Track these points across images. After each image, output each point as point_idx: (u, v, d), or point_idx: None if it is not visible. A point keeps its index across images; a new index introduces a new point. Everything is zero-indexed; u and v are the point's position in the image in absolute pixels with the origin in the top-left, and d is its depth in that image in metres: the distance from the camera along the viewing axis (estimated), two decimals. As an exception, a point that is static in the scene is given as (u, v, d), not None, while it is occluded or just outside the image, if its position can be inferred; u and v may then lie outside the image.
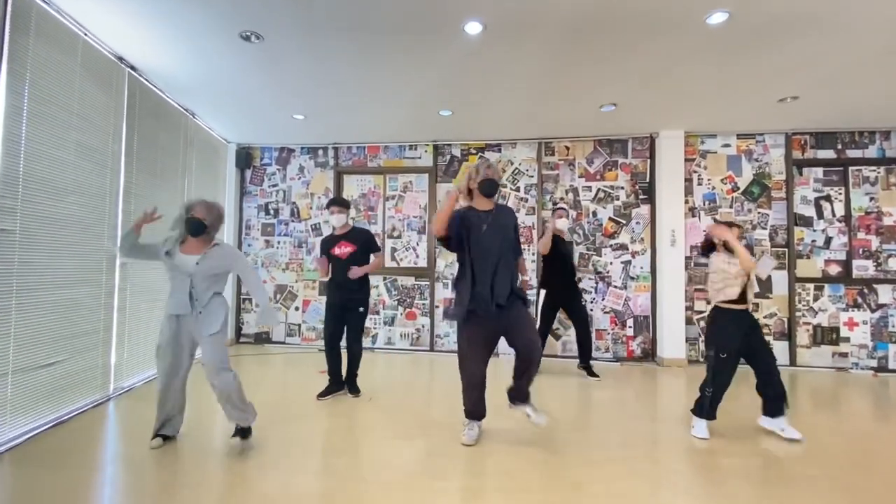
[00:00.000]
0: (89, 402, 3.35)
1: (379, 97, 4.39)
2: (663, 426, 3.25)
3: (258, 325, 2.76)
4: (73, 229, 3.16)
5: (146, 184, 4.04)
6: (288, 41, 3.35)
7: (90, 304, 3.34)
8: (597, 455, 2.69)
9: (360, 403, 3.60)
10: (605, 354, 5.36)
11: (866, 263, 5.09)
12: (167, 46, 3.49)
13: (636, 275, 5.38)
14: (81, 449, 2.69)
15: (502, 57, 3.54)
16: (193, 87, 4.24)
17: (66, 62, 3.11)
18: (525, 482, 2.34)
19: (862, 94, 4.21)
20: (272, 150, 6.07)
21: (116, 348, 3.64)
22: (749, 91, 4.16)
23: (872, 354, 5.02)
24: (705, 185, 5.32)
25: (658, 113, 4.77)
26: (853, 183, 5.15)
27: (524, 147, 5.64)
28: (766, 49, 3.38)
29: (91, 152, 3.33)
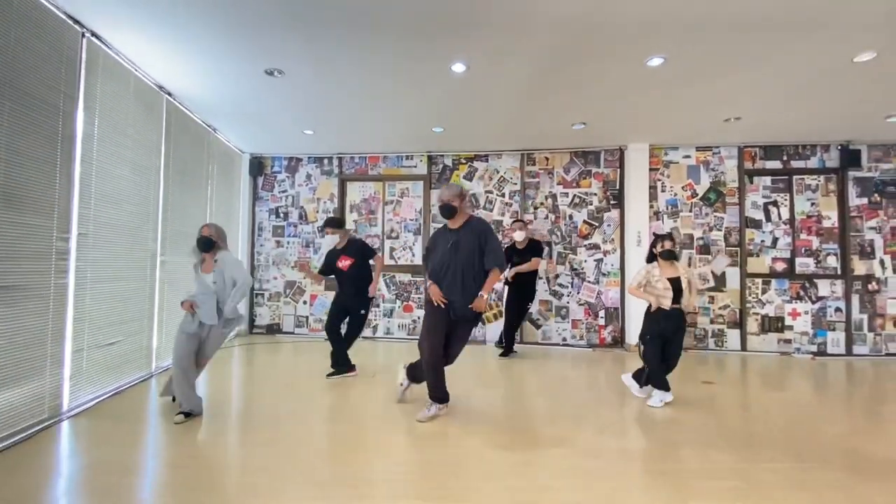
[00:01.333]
0: (137, 377, 4.00)
1: (379, 117, 5.05)
2: (624, 399, 3.93)
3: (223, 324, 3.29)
4: (127, 233, 3.80)
5: (178, 192, 4.68)
6: (304, 73, 4.00)
7: (139, 294, 3.99)
8: (566, 419, 3.37)
9: (366, 381, 4.27)
10: (579, 342, 6.05)
11: (808, 261, 5.79)
12: (201, 78, 4.13)
13: (607, 271, 6.06)
14: (135, 411, 3.35)
15: (484, 87, 4.20)
16: (217, 108, 4.88)
17: (123, 93, 3.76)
18: (499, 442, 3.02)
19: (799, 114, 4.89)
20: (282, 160, 6.72)
21: (157, 333, 4.28)
22: (698, 112, 4.84)
23: (813, 341, 5.72)
24: (668, 192, 6.01)
25: (625, 129, 5.45)
26: (797, 190, 5.86)
27: (508, 157, 6.32)
28: (704, 82, 4.05)
29: (140, 168, 3.98)
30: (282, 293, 6.62)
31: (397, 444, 2.82)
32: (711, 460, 2.61)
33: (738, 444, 2.83)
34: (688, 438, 2.93)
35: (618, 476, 2.42)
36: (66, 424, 3.03)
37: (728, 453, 2.69)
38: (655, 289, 3.55)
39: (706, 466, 2.53)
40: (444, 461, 2.60)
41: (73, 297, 3.17)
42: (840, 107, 4.64)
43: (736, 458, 2.64)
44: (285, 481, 2.31)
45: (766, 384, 4.47)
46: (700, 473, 2.46)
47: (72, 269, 3.16)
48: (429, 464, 2.57)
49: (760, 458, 2.65)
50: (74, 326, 3.19)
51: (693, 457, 2.66)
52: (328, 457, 2.67)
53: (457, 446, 2.80)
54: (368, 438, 2.91)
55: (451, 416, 3.26)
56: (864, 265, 5.68)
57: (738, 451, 2.73)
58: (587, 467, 2.51)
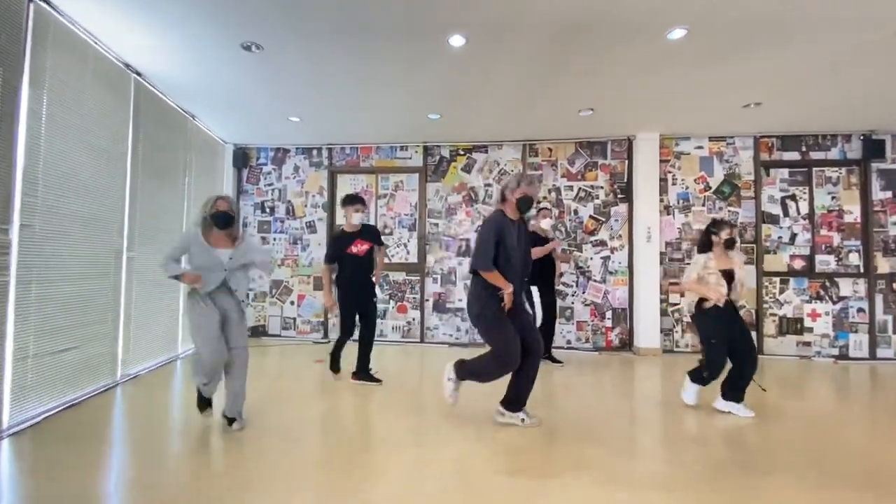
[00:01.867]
0: (99, 387, 3.59)
1: (371, 101, 4.65)
2: (639, 409, 3.55)
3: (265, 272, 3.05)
4: (85, 226, 3.39)
5: (150, 183, 4.27)
6: (286, 50, 3.60)
7: (101, 296, 3.58)
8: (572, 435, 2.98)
9: (365, 388, 3.87)
10: (584, 344, 5.67)
11: (828, 258, 5.44)
12: (172, 54, 3.73)
13: (614, 269, 5.69)
14: (92, 429, 2.93)
15: (485, 66, 3.82)
16: (193, 90, 4.47)
17: (79, 69, 3.35)
18: (519, 459, 2.63)
19: (821, 100, 4.54)
20: (268, 151, 6.31)
21: (123, 338, 3.87)
22: (715, 98, 4.47)
23: (834, 343, 5.37)
24: (679, 185, 5.64)
25: (634, 117, 5.07)
26: (817, 183, 5.50)
27: (510, 148, 5.93)
28: (727, 60, 3.68)
29: (101, 153, 3.57)
30: (267, 293, 6.21)
31: (391, 467, 2.43)
32: (750, 486, 2.22)
33: (754, 461, 2.45)
34: (714, 457, 2.56)
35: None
36: (5, 444, 2.63)
37: (771, 477, 2.31)
38: (708, 282, 3.19)
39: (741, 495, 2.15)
40: (445, 491, 2.20)
41: (14, 297, 2.76)
42: (865, 91, 4.28)
43: (782, 483, 2.26)
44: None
45: (786, 391, 4.11)
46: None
47: (13, 265, 2.74)
48: (427, 495, 2.18)
49: (778, 479, 2.26)
50: (16, 332, 2.78)
51: (726, 478, 2.27)
52: (323, 475, 2.27)
53: (459, 471, 2.40)
54: (361, 458, 2.52)
55: (447, 433, 2.87)
56: (889, 263, 5.32)
57: (779, 474, 2.35)
58: (616, 500, 2.12)
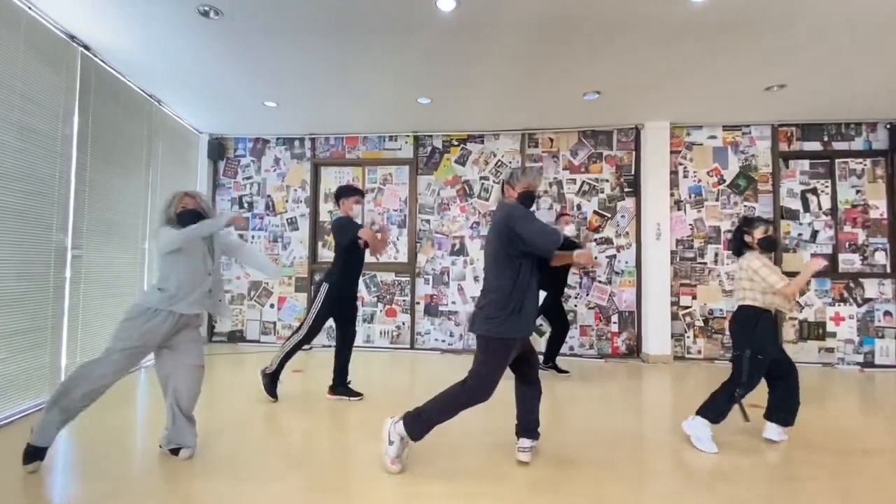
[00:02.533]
0: (33, 406, 3.11)
1: (353, 82, 4.19)
2: (649, 427, 3.11)
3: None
4: (15, 218, 2.92)
5: (103, 171, 3.81)
6: (249, 18, 3.14)
7: (35, 299, 3.11)
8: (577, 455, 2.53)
9: (346, 404, 3.42)
10: (589, 351, 5.23)
11: (853, 257, 5.02)
12: (120, 24, 3.26)
13: (621, 269, 5.25)
14: (12, 457, 2.47)
15: (479, 39, 3.37)
16: (155, 71, 4.01)
17: (7, 37, 2.88)
18: (510, 483, 2.17)
19: (850, 83, 4.12)
20: (246, 141, 5.84)
21: (68, 347, 3.41)
22: (736, 78, 4.04)
23: (858, 349, 4.95)
24: (691, 178, 5.21)
25: (643, 103, 4.64)
26: (840, 175, 5.08)
27: (507, 138, 5.49)
28: (754, 32, 3.26)
29: (36, 135, 3.10)
30: (245, 295, 5.75)
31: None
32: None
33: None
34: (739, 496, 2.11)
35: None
36: None
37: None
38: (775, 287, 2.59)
39: None
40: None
41: None
42: (894, 76, 3.87)
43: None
44: None
45: (809, 402, 3.68)
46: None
47: None
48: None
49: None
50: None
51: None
52: None
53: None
54: (341, 482, 2.06)
55: (429, 461, 2.41)
56: (918, 262, 4.91)
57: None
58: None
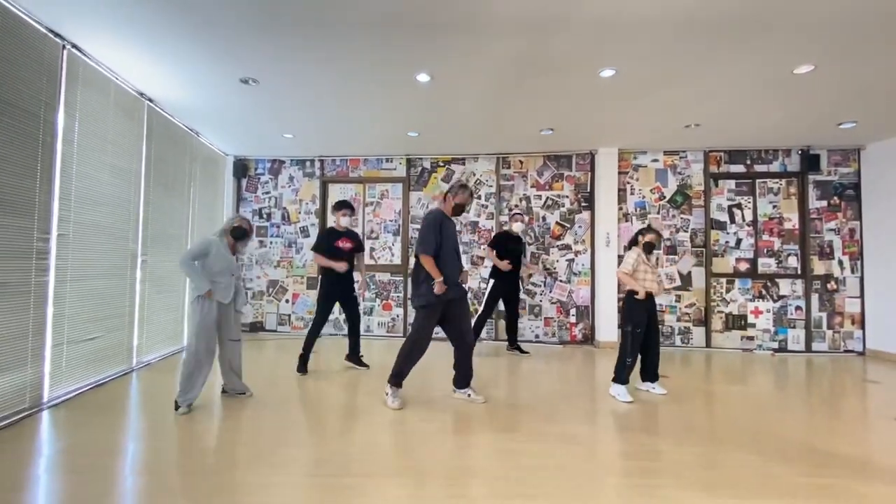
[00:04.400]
0: (118, 372, 4.19)
1: (355, 121, 5.25)
2: (591, 391, 4.14)
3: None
4: (107, 234, 3.99)
5: (160, 194, 4.87)
6: (278, 81, 4.19)
7: (118, 292, 4.18)
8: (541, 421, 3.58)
9: (353, 377, 4.47)
10: (551, 339, 6.26)
11: (770, 261, 6.03)
12: (179, 85, 4.32)
13: (578, 271, 6.28)
14: (115, 403, 3.54)
15: (451, 95, 4.41)
16: (199, 113, 5.07)
17: (103, 100, 3.95)
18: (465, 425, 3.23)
19: (755, 121, 5.12)
20: (265, 162, 6.91)
21: (138, 329, 4.47)
22: (659, 119, 5.06)
23: (774, 338, 5.96)
24: (637, 195, 6.23)
25: (593, 135, 5.66)
26: (760, 193, 6.09)
27: (484, 161, 6.53)
28: (657, 91, 4.27)
29: (120, 172, 4.17)
30: (265, 292, 6.81)
31: (362, 430, 3.03)
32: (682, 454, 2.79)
33: (701, 438, 2.98)
34: (658, 432, 3.15)
35: (583, 476, 2.62)
36: (46, 414, 3.23)
37: (693, 446, 2.85)
38: (646, 274, 3.75)
39: (679, 458, 2.69)
40: (407, 453, 2.80)
41: (53, 294, 3.36)
42: (796, 113, 4.85)
43: (698, 452, 2.76)
44: (256, 461, 2.52)
45: (729, 379, 4.68)
46: (675, 466, 2.67)
47: (52, 267, 3.34)
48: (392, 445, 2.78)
49: (724, 453, 2.76)
50: (54, 322, 3.38)
51: (666, 452, 2.83)
52: (307, 443, 2.86)
53: (411, 430, 3.00)
54: (342, 426, 3.11)
55: (423, 414, 3.46)
56: (824, 265, 5.92)
57: (701, 445, 2.87)
58: (551, 465, 2.71)
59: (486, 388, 3.95)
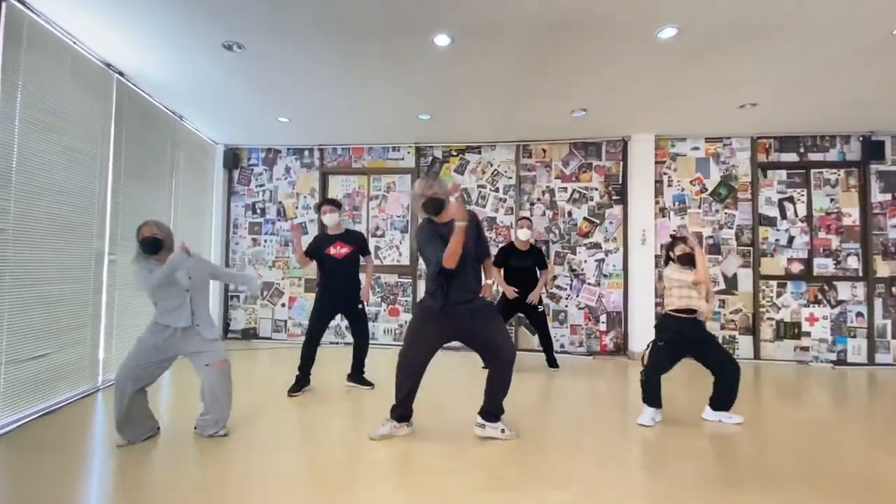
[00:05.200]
0: (79, 393, 3.52)
1: (359, 101, 4.58)
2: (631, 415, 3.46)
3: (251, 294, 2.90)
4: (61, 228, 3.32)
5: (134, 185, 4.21)
6: (268, 49, 3.53)
7: (78, 299, 3.51)
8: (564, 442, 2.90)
9: (354, 396, 3.80)
10: (578, 349, 5.58)
11: (826, 262, 5.34)
12: (153, 54, 3.66)
13: (609, 272, 5.60)
14: (68, 436, 2.87)
15: (472, 65, 3.74)
16: (180, 91, 4.41)
17: (56, 70, 3.28)
18: (496, 468, 2.55)
19: (819, 101, 4.44)
20: (259, 151, 6.24)
21: (105, 342, 3.81)
22: (711, 98, 4.38)
23: (832, 348, 5.27)
24: (675, 187, 5.55)
25: (628, 118, 4.99)
26: (815, 185, 5.40)
27: (503, 149, 5.85)
28: (720, 60, 3.59)
29: (79, 155, 3.50)
30: (258, 295, 6.15)
31: (361, 479, 2.35)
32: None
33: (757, 479, 2.36)
34: (700, 471, 2.47)
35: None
36: (-25, 453, 2.57)
37: (748, 493, 2.23)
38: (680, 291, 3.17)
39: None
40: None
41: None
42: (864, 91, 4.18)
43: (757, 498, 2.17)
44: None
45: (783, 397, 4.02)
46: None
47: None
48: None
49: (779, 495, 2.18)
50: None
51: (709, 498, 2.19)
52: (299, 492, 2.20)
53: (433, 490, 2.33)
54: (331, 471, 2.44)
55: (423, 442, 2.79)
56: (888, 266, 5.22)
57: (758, 489, 2.26)
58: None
59: (513, 415, 3.27)
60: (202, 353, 2.73)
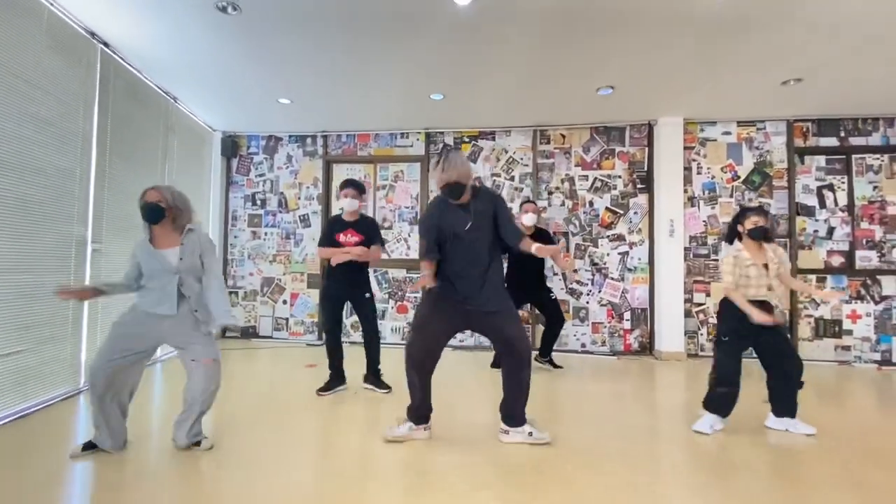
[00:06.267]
0: (57, 395, 3.17)
1: (366, 78, 4.21)
2: (661, 422, 3.09)
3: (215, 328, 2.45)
4: (34, 212, 2.97)
5: (121, 167, 3.85)
6: (267, 14, 3.17)
7: (57, 291, 3.15)
8: (593, 450, 2.52)
9: (355, 399, 3.43)
10: (601, 348, 5.20)
11: (870, 254, 4.95)
12: (140, 20, 3.30)
13: (633, 266, 5.22)
14: (45, 440, 2.51)
15: (493, 33, 3.37)
16: (172, 67, 4.05)
17: (29, 32, 2.92)
18: (520, 477, 2.17)
19: (867, 77, 4.07)
20: (259, 139, 5.88)
21: (88, 339, 3.45)
22: (750, 73, 4.00)
23: (876, 348, 4.88)
24: (705, 174, 5.17)
25: (657, 98, 4.61)
26: (856, 171, 5.01)
27: (519, 135, 5.48)
28: (768, 26, 3.22)
29: (55, 130, 3.14)
30: (258, 292, 5.79)
31: (375, 492, 1.98)
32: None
33: (803, 488, 1.99)
34: (745, 484, 2.09)
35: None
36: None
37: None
38: (747, 279, 2.69)
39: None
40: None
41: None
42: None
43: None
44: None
45: (825, 400, 3.64)
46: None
47: (-64, 254, 2.33)
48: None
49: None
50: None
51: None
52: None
53: (449, 499, 1.96)
54: (341, 483, 2.07)
55: (437, 449, 2.42)
56: (937, 259, 4.84)
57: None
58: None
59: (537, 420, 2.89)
60: (191, 345, 2.36)
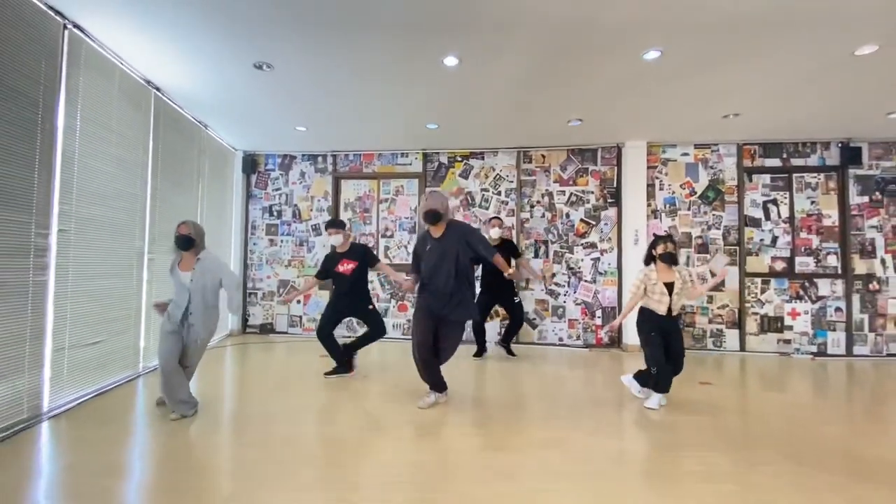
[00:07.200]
0: (124, 377, 3.92)
1: (372, 114, 4.97)
2: (622, 402, 3.85)
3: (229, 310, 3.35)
4: (112, 230, 3.72)
5: (168, 189, 4.60)
6: (295, 68, 3.92)
7: (124, 293, 3.91)
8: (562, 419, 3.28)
9: (360, 381, 4.19)
10: (576, 342, 5.96)
11: (808, 260, 5.71)
12: (189, 72, 4.04)
13: (604, 270, 5.98)
14: (120, 412, 3.27)
15: (477, 82, 4.12)
16: (209, 104, 4.80)
17: (107, 87, 3.68)
18: (495, 441, 2.94)
19: (799, 111, 4.80)
20: (276, 157, 6.64)
21: (144, 332, 4.20)
22: (697, 108, 4.76)
23: (813, 341, 5.64)
24: (666, 190, 5.93)
25: (622, 126, 5.37)
26: (797, 188, 5.77)
27: (505, 155, 6.24)
28: (702, 75, 3.96)
29: (126, 164, 3.90)
30: (275, 292, 6.54)
31: (386, 447, 2.74)
32: (708, 463, 2.53)
33: (735, 447, 2.75)
34: (684, 441, 2.86)
35: (611, 479, 2.35)
36: (46, 425, 2.95)
37: (726, 455, 2.62)
38: (652, 294, 3.46)
39: (702, 469, 2.46)
40: (433, 463, 2.52)
41: (54, 294, 3.09)
42: (840, 103, 4.57)
43: (734, 460, 2.56)
44: (271, 483, 2.23)
45: (766, 385, 4.39)
46: (696, 476, 2.38)
47: (52, 266, 3.08)
48: (418, 466, 2.49)
49: (758, 460, 2.57)
50: (55, 325, 3.11)
51: (689, 459, 2.58)
52: (316, 458, 2.59)
53: (448, 448, 2.72)
54: (358, 440, 2.83)
55: (444, 417, 3.18)
56: (865, 264, 5.60)
57: (736, 453, 2.66)
58: (580, 471, 2.43)
59: (520, 398, 3.65)
60: (188, 349, 3.15)
